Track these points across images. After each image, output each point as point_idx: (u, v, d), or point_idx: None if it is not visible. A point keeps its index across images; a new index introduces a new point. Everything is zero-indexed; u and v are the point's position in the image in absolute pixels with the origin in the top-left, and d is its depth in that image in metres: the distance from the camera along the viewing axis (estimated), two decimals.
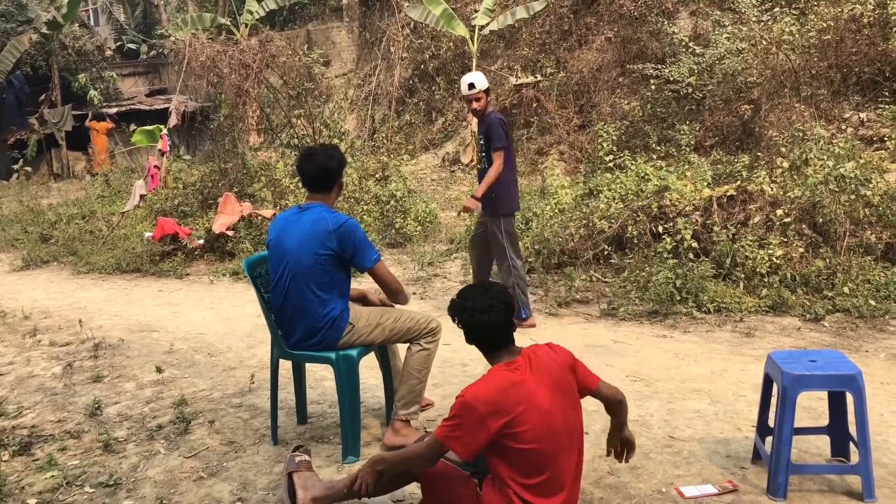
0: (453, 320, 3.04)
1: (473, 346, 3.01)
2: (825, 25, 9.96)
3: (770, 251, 6.67)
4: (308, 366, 4.66)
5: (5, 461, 4.11)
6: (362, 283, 5.20)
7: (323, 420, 4.53)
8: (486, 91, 6.26)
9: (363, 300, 4.21)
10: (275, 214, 9.83)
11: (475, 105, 6.22)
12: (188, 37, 13.55)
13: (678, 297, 6.44)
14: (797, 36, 9.98)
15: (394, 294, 4.03)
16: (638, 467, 3.69)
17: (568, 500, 2.89)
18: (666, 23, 12.71)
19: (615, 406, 3.11)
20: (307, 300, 3.83)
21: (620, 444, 3.16)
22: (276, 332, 4.00)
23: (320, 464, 3.90)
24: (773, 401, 3.57)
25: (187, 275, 9.51)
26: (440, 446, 2.81)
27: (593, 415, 4.02)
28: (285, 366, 4.29)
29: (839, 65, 10.32)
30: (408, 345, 4.02)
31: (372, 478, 3.01)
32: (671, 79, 11.24)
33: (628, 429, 3.17)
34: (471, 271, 8.17)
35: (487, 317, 2.91)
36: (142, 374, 5.58)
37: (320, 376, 5.20)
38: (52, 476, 3.89)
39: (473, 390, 2.80)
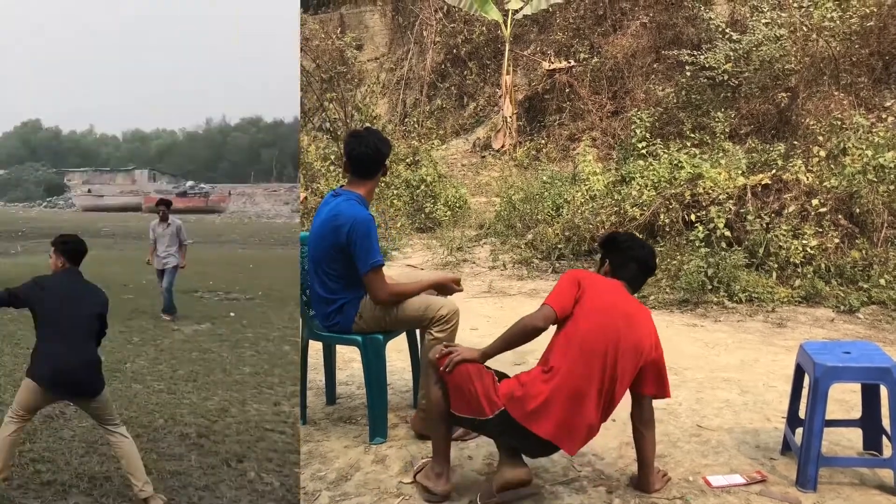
0: (612, 246, 3.44)
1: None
2: (868, 11, 9.74)
3: (804, 241, 6.58)
4: (338, 347, 4.69)
5: None
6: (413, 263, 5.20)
7: (351, 401, 4.57)
8: None
9: (440, 288, 4.04)
10: (306, 198, 9.90)
11: None
12: None
13: (709, 287, 6.38)
14: (838, 22, 9.77)
15: (378, 302, 3.84)
16: (665, 456, 3.67)
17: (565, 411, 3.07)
18: (703, 8, 12.51)
19: (646, 425, 3.25)
20: (318, 287, 3.89)
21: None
22: (308, 313, 4.03)
23: (348, 444, 3.95)
24: (804, 392, 3.53)
25: None
26: (547, 307, 3.14)
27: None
28: (315, 347, 4.33)
29: (881, 52, 10.10)
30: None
31: (471, 359, 3.16)
32: (707, 65, 11.04)
33: (649, 475, 3.30)
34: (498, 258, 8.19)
35: (654, 262, 3.44)
36: None
37: (349, 358, 5.22)
38: None
39: (581, 272, 3.33)
